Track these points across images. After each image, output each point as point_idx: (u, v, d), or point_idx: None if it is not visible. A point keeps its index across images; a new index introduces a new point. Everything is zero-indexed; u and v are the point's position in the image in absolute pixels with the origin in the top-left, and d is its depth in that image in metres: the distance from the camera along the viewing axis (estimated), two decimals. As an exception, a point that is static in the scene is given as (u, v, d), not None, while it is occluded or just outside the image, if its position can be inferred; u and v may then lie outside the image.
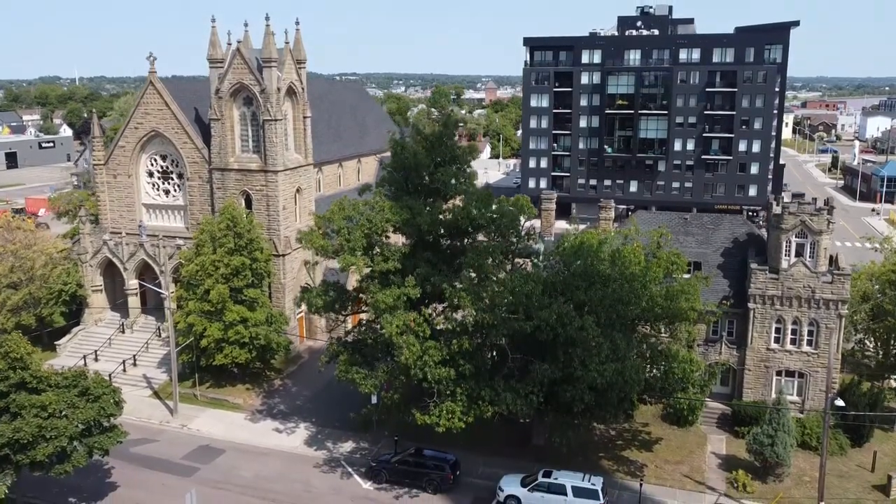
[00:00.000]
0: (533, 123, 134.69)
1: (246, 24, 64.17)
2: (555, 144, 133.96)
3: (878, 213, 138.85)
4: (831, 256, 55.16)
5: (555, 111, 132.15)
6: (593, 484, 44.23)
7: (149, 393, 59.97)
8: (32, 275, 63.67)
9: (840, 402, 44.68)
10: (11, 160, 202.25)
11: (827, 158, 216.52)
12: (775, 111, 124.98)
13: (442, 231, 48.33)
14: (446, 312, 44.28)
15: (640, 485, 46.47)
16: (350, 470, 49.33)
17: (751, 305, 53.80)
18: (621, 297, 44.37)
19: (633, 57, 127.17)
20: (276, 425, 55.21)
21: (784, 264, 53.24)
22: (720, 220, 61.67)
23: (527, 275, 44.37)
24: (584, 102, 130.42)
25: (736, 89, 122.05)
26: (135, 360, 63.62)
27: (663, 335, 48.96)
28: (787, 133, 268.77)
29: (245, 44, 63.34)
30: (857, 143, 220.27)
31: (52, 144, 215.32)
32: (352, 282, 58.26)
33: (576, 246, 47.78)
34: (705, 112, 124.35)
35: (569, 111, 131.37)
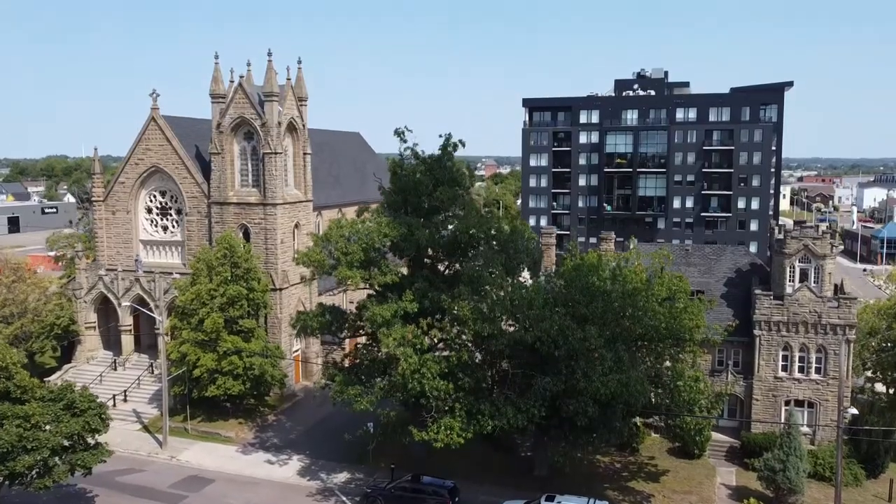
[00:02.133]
0: (532, 182, 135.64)
1: (248, 64, 65.24)
2: (554, 203, 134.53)
3: (870, 274, 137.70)
4: (836, 285, 54.39)
5: (554, 170, 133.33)
6: (598, 507, 42.27)
7: (138, 427, 58.13)
8: (25, 308, 62.68)
9: (853, 410, 43.13)
10: (14, 224, 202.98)
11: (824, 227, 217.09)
12: (772, 169, 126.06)
13: (440, 248, 47.66)
14: (444, 324, 43.11)
15: (648, 512, 44.50)
16: (345, 499, 47.22)
17: (756, 332, 52.67)
18: (623, 311, 43.37)
19: (631, 116, 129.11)
20: (268, 457, 53.25)
21: (788, 290, 52.39)
22: (722, 250, 61.11)
23: (527, 287, 43.46)
24: (582, 161, 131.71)
25: (733, 147, 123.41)
26: (125, 395, 61.97)
27: (668, 354, 47.54)
28: (784, 204, 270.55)
29: (247, 81, 64.16)
30: (854, 209, 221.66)
31: (54, 210, 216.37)
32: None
33: (576, 265, 47.03)
34: (703, 170, 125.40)
35: (568, 170, 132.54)
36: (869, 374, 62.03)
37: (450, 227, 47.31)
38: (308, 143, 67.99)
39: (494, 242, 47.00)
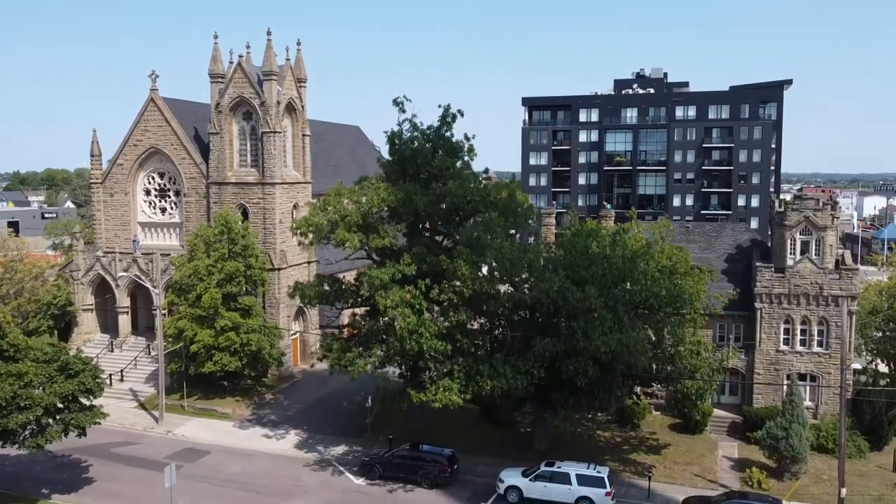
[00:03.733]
0: (532, 181, 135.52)
1: (248, 46, 65.14)
2: (554, 202, 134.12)
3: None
4: (837, 260, 53.98)
5: (553, 169, 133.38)
6: (599, 472, 41.68)
7: (134, 405, 57.60)
8: (22, 288, 62.28)
9: (857, 365, 42.67)
10: (14, 228, 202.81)
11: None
12: (772, 167, 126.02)
13: (439, 218, 47.31)
14: (443, 286, 42.66)
15: (649, 479, 43.90)
16: (341, 468, 46.64)
17: (757, 305, 52.25)
18: (623, 273, 43.04)
19: (630, 115, 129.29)
20: (265, 432, 52.70)
21: (790, 262, 52.02)
22: (722, 227, 60.88)
23: (526, 247, 43.15)
24: (582, 160, 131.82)
25: (733, 145, 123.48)
26: (122, 375, 61.49)
27: (669, 322, 47.07)
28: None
29: (247, 61, 64.08)
30: (854, 215, 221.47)
31: (54, 215, 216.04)
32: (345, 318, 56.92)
33: (576, 231, 46.77)
34: (703, 168, 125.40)
35: (567, 169, 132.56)
36: (869, 357, 61.53)
37: (448, 194, 46.91)
38: (307, 125, 67.87)
39: (493, 208, 46.58)
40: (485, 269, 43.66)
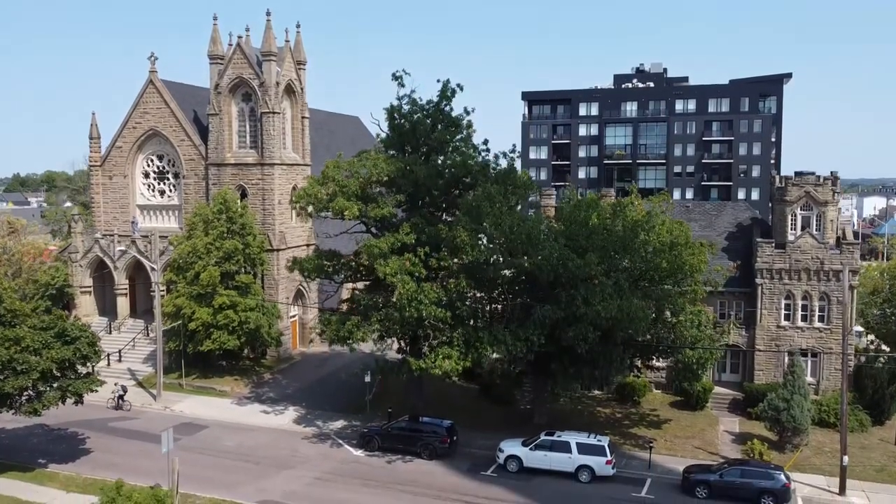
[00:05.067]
0: (532, 175, 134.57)
1: (247, 28, 64.68)
2: (554, 194, 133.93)
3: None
4: (837, 237, 53.76)
5: (553, 163, 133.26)
6: (599, 441, 41.42)
7: (132, 384, 57.16)
8: (20, 268, 62.07)
9: (859, 328, 42.43)
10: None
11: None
12: (773, 160, 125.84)
13: (438, 190, 47.05)
14: (443, 255, 42.44)
15: (650, 449, 43.60)
16: (340, 441, 46.40)
17: (758, 281, 52.04)
18: (624, 243, 42.83)
19: (630, 108, 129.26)
20: (263, 408, 52.44)
21: (790, 237, 51.82)
22: (723, 206, 60.74)
23: (525, 217, 42.96)
24: (582, 154, 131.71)
25: (732, 138, 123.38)
26: (120, 355, 61.18)
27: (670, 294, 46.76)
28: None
29: (246, 43, 63.97)
30: (854, 214, 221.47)
31: (53, 221, 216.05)
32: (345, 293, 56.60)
33: (576, 203, 46.58)
34: (703, 161, 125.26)
35: (567, 163, 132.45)
36: (871, 337, 61.29)
37: (448, 166, 46.76)
38: (306, 108, 67.71)
39: (493, 181, 46.40)
40: (484, 240, 43.50)
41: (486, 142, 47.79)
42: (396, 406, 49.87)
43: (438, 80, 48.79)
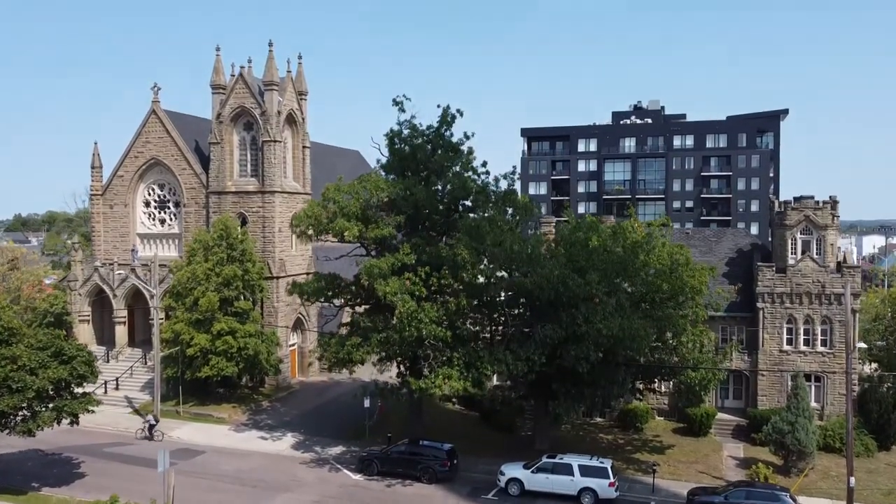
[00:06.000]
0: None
1: (249, 60, 65.69)
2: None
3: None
4: (839, 262, 53.70)
5: (553, 198, 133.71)
6: (602, 462, 40.82)
7: (129, 411, 56.76)
8: (18, 296, 61.87)
9: (862, 344, 42.24)
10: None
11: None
12: (771, 195, 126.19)
13: (437, 213, 47.12)
14: (443, 273, 42.27)
15: (654, 472, 42.92)
16: (339, 466, 45.71)
17: (759, 305, 51.85)
18: (624, 264, 42.76)
19: (629, 144, 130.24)
20: (261, 434, 51.78)
21: (791, 261, 51.75)
22: (723, 233, 60.79)
23: (526, 237, 42.96)
24: (581, 189, 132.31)
25: (731, 173, 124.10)
26: (117, 383, 60.66)
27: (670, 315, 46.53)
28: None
29: (248, 73, 64.72)
30: (854, 250, 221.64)
31: (53, 252, 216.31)
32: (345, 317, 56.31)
33: (575, 225, 46.65)
34: (702, 196, 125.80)
35: (566, 198, 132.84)
36: (874, 365, 60.77)
37: (448, 188, 46.91)
38: (307, 137, 68.24)
39: (494, 206, 46.58)
40: (485, 262, 43.45)
41: (485, 164, 47.96)
42: (396, 432, 49.26)
43: (438, 106, 49.27)
